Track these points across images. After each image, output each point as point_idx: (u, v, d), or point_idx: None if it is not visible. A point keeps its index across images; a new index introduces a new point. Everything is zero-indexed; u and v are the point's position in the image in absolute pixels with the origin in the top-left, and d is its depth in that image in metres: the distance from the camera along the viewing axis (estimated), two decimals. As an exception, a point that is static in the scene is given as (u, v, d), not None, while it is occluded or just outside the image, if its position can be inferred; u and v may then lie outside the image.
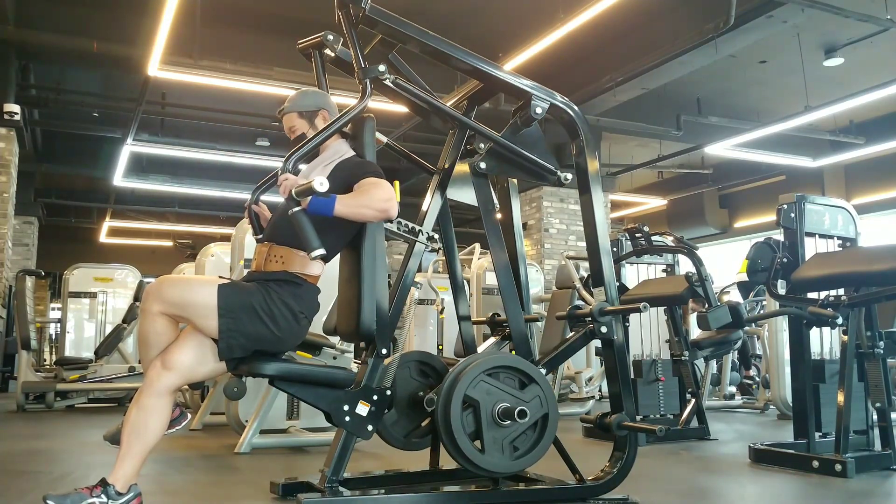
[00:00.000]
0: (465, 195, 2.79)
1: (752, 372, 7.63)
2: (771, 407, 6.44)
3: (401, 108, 4.73)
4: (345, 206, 2.29)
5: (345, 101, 5.51)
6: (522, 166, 2.80)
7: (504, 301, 2.73)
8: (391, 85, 2.56)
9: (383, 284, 2.49)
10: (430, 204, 2.70)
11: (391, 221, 2.48)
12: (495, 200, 2.91)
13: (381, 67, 2.49)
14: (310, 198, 2.21)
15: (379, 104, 5.97)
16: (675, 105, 9.60)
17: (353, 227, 2.47)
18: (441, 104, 2.73)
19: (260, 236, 2.57)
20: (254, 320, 2.26)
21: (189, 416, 2.46)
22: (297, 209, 2.20)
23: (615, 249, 5.00)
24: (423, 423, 2.65)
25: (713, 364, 6.80)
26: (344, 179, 2.44)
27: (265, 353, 2.34)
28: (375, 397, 2.43)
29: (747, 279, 3.76)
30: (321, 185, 2.14)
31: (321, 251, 2.19)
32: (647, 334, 5.09)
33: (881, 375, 3.38)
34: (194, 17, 6.92)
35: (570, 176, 2.82)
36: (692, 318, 5.71)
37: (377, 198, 2.35)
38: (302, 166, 2.66)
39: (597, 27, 6.89)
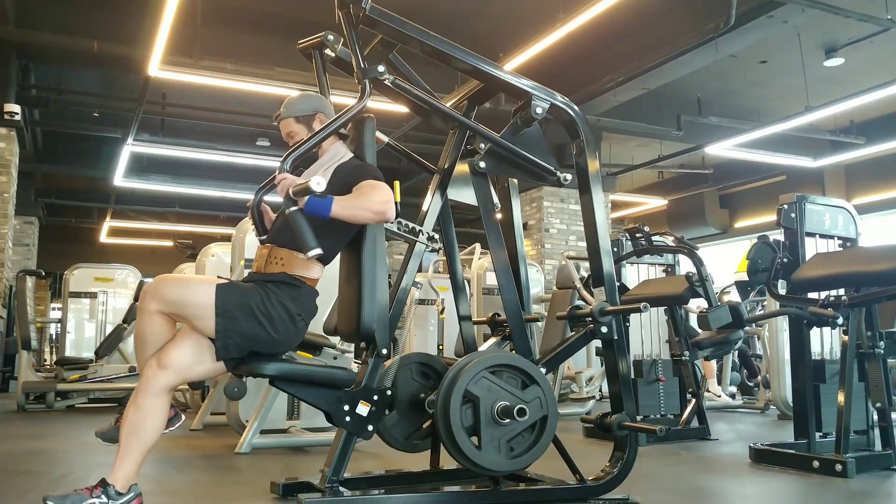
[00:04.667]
0: (466, 195, 2.79)
1: (759, 378, 7.61)
2: (771, 407, 6.44)
3: (401, 108, 4.73)
4: (342, 207, 2.29)
5: (345, 101, 5.51)
6: (522, 166, 2.80)
7: (504, 301, 2.73)
8: (391, 85, 2.56)
9: (384, 284, 2.48)
10: (431, 204, 2.70)
11: (390, 223, 2.48)
12: (496, 200, 2.91)
13: (381, 68, 2.49)
14: (307, 198, 2.21)
15: (379, 104, 5.97)
16: (676, 105, 9.60)
17: (351, 229, 2.47)
18: (440, 104, 2.73)
19: (264, 237, 2.57)
20: (251, 321, 2.26)
21: (183, 416, 2.46)
22: (294, 209, 2.20)
23: (615, 249, 5.00)
24: (424, 425, 2.65)
25: (714, 364, 6.80)
26: (343, 182, 2.44)
27: (262, 353, 2.34)
28: (376, 397, 2.43)
29: (746, 279, 3.76)
30: (318, 184, 2.14)
31: (318, 251, 2.18)
32: (647, 334, 5.08)
33: (881, 375, 3.38)
34: (194, 17, 6.92)
35: (569, 176, 2.82)
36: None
37: (375, 200, 2.35)
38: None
39: (597, 27, 6.89)
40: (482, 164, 2.73)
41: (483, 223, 2.77)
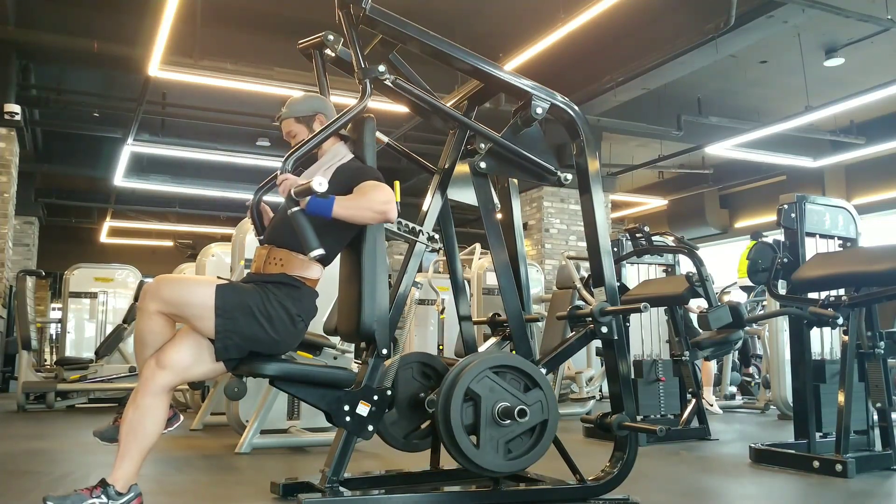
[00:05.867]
0: (466, 195, 2.79)
1: (752, 370, 7.63)
2: (771, 407, 6.44)
3: (401, 108, 4.73)
4: (343, 207, 2.29)
5: (345, 101, 5.51)
6: (522, 166, 2.80)
7: (504, 301, 2.73)
8: (391, 85, 2.56)
9: (384, 285, 2.48)
10: (431, 204, 2.70)
11: (391, 223, 2.48)
12: (496, 200, 2.91)
13: (381, 68, 2.49)
14: (308, 198, 2.21)
15: (379, 104, 5.97)
16: (676, 105, 9.60)
17: (352, 229, 2.47)
18: (441, 104, 2.73)
19: (262, 237, 2.58)
20: (250, 322, 2.26)
21: (182, 417, 2.46)
22: (295, 209, 2.20)
23: (615, 249, 5.00)
24: (423, 425, 2.65)
25: (712, 370, 6.79)
26: (344, 183, 2.44)
27: (262, 354, 2.34)
28: (376, 397, 2.43)
29: (749, 282, 3.76)
30: (320, 185, 2.14)
31: (320, 251, 2.18)
32: (647, 334, 5.08)
33: (881, 375, 3.38)
34: (194, 17, 6.93)
35: (570, 176, 2.82)
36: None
37: (376, 200, 2.35)
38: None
39: (597, 27, 6.89)
40: (482, 164, 2.73)
41: (483, 223, 2.77)
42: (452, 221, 2.90)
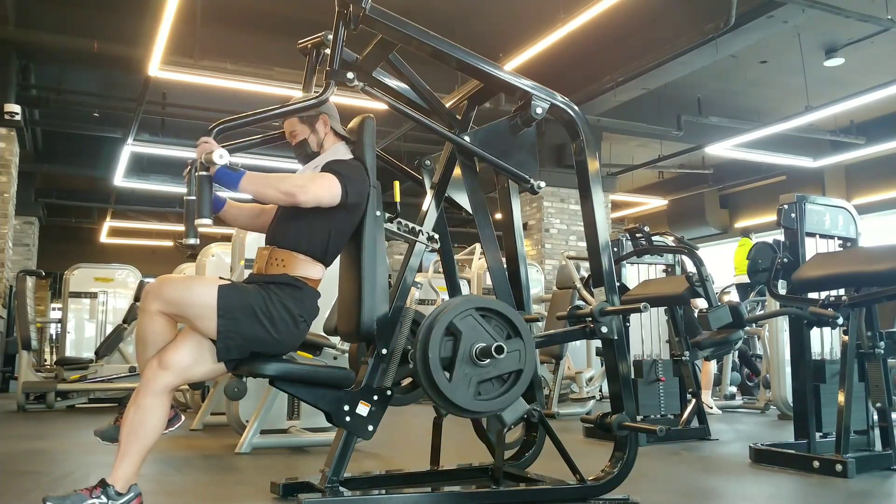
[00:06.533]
0: (462, 196, 2.81)
1: (759, 378, 7.61)
2: (771, 407, 6.44)
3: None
4: (251, 182, 2.27)
5: (345, 101, 5.50)
6: (496, 170, 2.81)
7: (496, 294, 2.78)
8: (360, 91, 2.58)
9: (384, 285, 2.48)
10: (430, 204, 2.70)
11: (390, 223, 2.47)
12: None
13: (350, 75, 2.49)
14: (217, 166, 2.20)
15: (379, 105, 5.96)
16: (676, 105, 9.60)
17: (350, 230, 2.47)
18: (405, 108, 2.72)
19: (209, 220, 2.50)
20: (252, 322, 2.26)
21: (183, 417, 2.46)
22: (202, 173, 2.20)
23: (615, 249, 5.00)
24: (405, 382, 2.64)
25: (712, 372, 6.78)
26: None
27: (263, 354, 2.34)
28: (376, 397, 2.43)
29: (746, 280, 3.76)
30: (220, 157, 2.16)
31: (207, 221, 2.17)
32: (647, 334, 5.08)
33: (882, 375, 3.38)
34: (194, 17, 6.93)
35: (543, 184, 2.82)
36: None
37: (293, 182, 2.35)
38: (300, 166, 2.67)
39: (597, 27, 6.89)
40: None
41: (475, 222, 2.78)
42: (447, 226, 2.90)
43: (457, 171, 2.80)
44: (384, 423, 2.53)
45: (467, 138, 2.74)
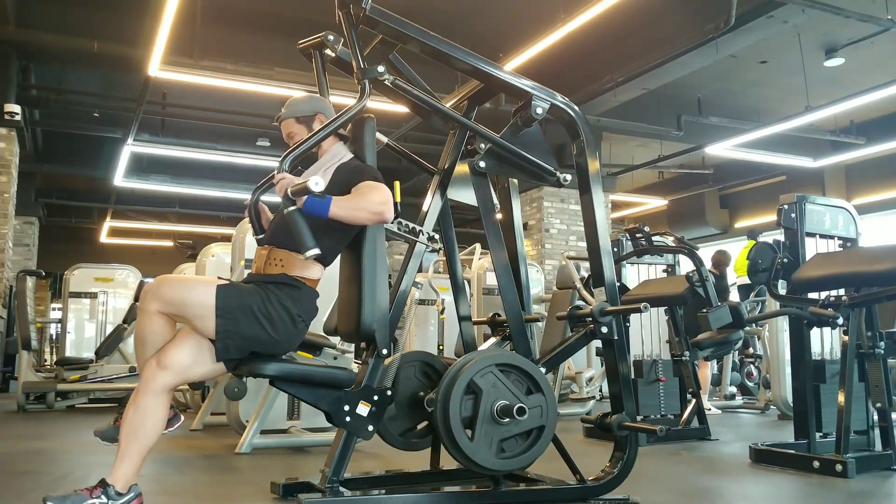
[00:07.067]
0: (466, 195, 2.79)
1: (755, 374, 7.61)
2: (771, 407, 6.44)
3: (401, 108, 4.73)
4: (340, 207, 2.29)
5: (345, 101, 5.50)
6: (521, 166, 2.79)
7: (504, 301, 2.73)
8: (390, 85, 2.56)
9: (384, 285, 2.48)
10: (431, 204, 2.70)
11: (390, 223, 2.48)
12: (495, 200, 2.91)
13: (381, 68, 2.48)
14: (305, 197, 2.21)
15: (380, 104, 5.97)
16: (676, 105, 9.60)
17: (351, 230, 2.47)
18: (440, 104, 2.73)
19: (261, 236, 2.57)
20: (251, 322, 2.26)
21: (182, 417, 2.46)
22: (292, 208, 2.20)
23: (616, 250, 5.00)
24: (421, 425, 2.65)
25: (709, 374, 6.79)
26: (343, 182, 2.44)
27: (262, 354, 2.34)
28: (376, 397, 2.43)
29: (747, 281, 3.76)
30: (316, 185, 2.14)
31: (315, 251, 2.17)
32: (647, 334, 5.08)
33: (882, 375, 3.38)
34: (194, 17, 6.93)
35: (569, 177, 2.81)
36: None
37: (373, 200, 2.35)
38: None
39: (597, 27, 6.89)
40: (482, 164, 2.73)
41: (483, 223, 2.77)
42: (452, 222, 2.90)
43: (458, 170, 2.78)
44: (384, 424, 2.53)
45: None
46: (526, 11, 7.42)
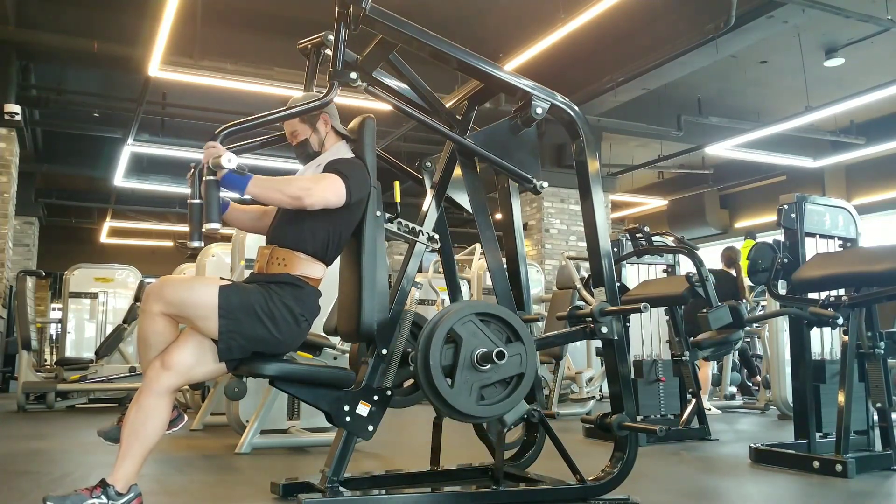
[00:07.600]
0: (462, 197, 2.81)
1: (758, 378, 7.61)
2: (771, 407, 6.44)
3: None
4: (258, 186, 2.27)
5: (345, 101, 5.50)
6: (497, 170, 2.81)
7: (497, 295, 2.76)
8: (364, 91, 2.59)
9: (384, 285, 2.48)
10: (430, 204, 2.70)
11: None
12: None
13: (353, 75, 2.50)
14: (225, 171, 2.19)
15: (379, 104, 5.96)
16: (676, 105, 9.60)
17: (351, 228, 2.47)
18: (411, 109, 2.73)
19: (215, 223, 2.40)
20: (254, 322, 2.26)
21: (185, 417, 2.46)
22: (210, 178, 2.20)
23: (616, 250, 5.00)
24: (406, 383, 2.65)
25: (710, 373, 6.79)
26: None
27: (264, 354, 2.34)
28: (376, 397, 2.43)
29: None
30: (229, 161, 2.15)
31: (216, 225, 2.17)
32: (647, 334, 5.08)
33: (882, 375, 3.37)
34: (194, 17, 6.93)
35: (545, 184, 2.82)
36: None
37: (299, 185, 2.35)
38: (300, 166, 2.67)
39: (597, 27, 6.89)
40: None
41: (476, 223, 2.78)
42: (447, 226, 2.90)
43: (457, 172, 2.80)
44: (384, 424, 2.53)
45: (469, 139, 2.74)
46: (526, 12, 7.42)
